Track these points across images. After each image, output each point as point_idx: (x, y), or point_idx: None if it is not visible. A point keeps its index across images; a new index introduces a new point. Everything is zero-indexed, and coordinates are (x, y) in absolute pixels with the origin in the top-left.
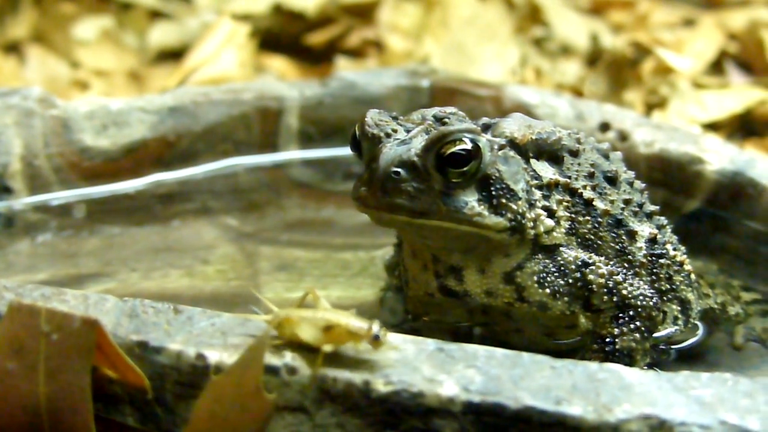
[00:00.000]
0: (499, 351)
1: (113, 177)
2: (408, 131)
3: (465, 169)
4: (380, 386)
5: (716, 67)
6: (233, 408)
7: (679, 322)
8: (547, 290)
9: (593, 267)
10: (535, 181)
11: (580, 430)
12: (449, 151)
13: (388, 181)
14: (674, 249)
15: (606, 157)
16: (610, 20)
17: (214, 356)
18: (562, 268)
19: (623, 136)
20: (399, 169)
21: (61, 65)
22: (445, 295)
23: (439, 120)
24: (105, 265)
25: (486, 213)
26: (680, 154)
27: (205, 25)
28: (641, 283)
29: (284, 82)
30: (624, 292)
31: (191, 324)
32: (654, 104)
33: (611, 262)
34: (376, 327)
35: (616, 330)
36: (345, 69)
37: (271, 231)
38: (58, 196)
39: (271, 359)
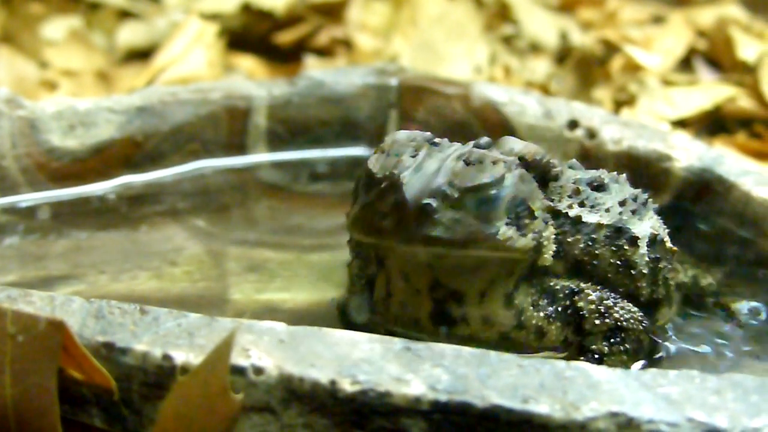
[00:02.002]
0: (466, 350)
1: (81, 178)
2: (412, 156)
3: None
4: (347, 386)
5: (685, 64)
6: (200, 409)
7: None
8: (542, 314)
9: (582, 294)
10: (542, 203)
11: (547, 428)
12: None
13: (423, 214)
14: (668, 239)
15: (581, 169)
16: (579, 18)
17: (180, 357)
18: (551, 294)
19: (591, 134)
20: (431, 201)
21: (30, 65)
22: (436, 324)
23: (429, 142)
24: (73, 267)
25: (515, 236)
26: (648, 151)
27: (174, 24)
28: (632, 306)
29: (252, 81)
30: (616, 315)
31: (157, 325)
32: (623, 101)
33: (600, 287)
34: None
35: (606, 349)
36: (314, 68)
37: (239, 232)
38: (25, 198)
39: (238, 359)
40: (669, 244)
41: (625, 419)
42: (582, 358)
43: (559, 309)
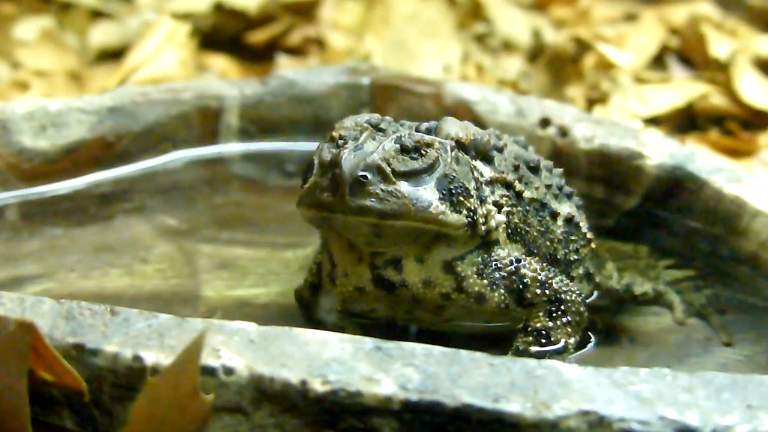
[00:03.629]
0: (437, 349)
1: (52, 178)
2: (354, 138)
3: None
4: (318, 386)
5: (658, 61)
6: (170, 409)
7: (584, 284)
8: (485, 281)
9: (525, 263)
10: (482, 179)
11: (518, 427)
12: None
13: (356, 185)
14: (587, 229)
15: (525, 147)
16: (552, 16)
17: (150, 358)
18: (496, 262)
19: (563, 132)
20: (366, 173)
21: (1, 66)
22: (379, 288)
23: (375, 126)
24: (44, 266)
25: (448, 212)
26: (620, 149)
27: (146, 24)
28: (570, 281)
29: (224, 80)
30: (555, 286)
31: (128, 325)
32: (595, 99)
33: (540, 259)
34: None
35: (549, 323)
36: (286, 67)
37: (210, 229)
38: None
39: (208, 360)
40: (586, 232)
41: (596, 417)
42: (530, 338)
43: (503, 275)
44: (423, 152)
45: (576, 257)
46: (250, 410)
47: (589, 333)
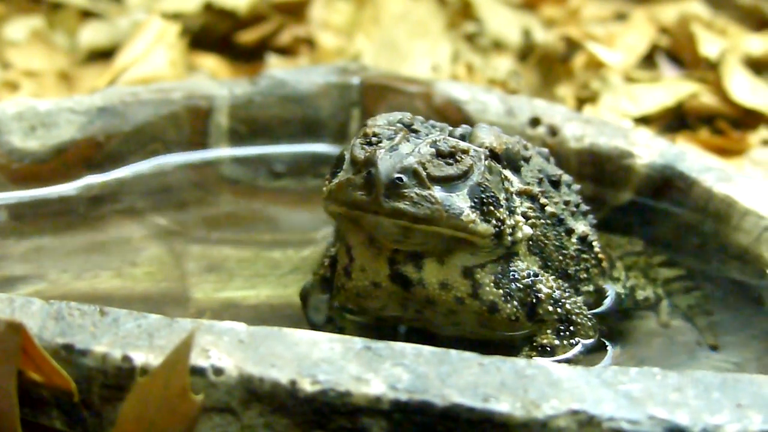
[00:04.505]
0: (427, 349)
1: (42, 179)
2: (389, 138)
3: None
4: (307, 386)
5: (648, 61)
6: (160, 410)
7: (592, 297)
8: (501, 291)
9: (542, 278)
10: (512, 189)
11: (508, 426)
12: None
13: (392, 187)
14: (598, 246)
15: (547, 160)
16: (542, 15)
17: (140, 358)
18: (514, 273)
19: (553, 131)
20: (402, 175)
21: None
22: (396, 284)
23: (408, 126)
24: (35, 267)
25: (478, 220)
26: (610, 148)
27: (136, 24)
28: (582, 304)
29: (214, 80)
30: (568, 306)
31: (117, 326)
32: (585, 99)
33: (558, 279)
34: None
35: (556, 341)
36: (276, 67)
37: (200, 230)
38: None
39: (198, 360)
40: (598, 251)
41: (585, 417)
42: (534, 353)
43: (519, 287)
44: (458, 158)
45: (585, 276)
46: (239, 410)
47: (604, 341)
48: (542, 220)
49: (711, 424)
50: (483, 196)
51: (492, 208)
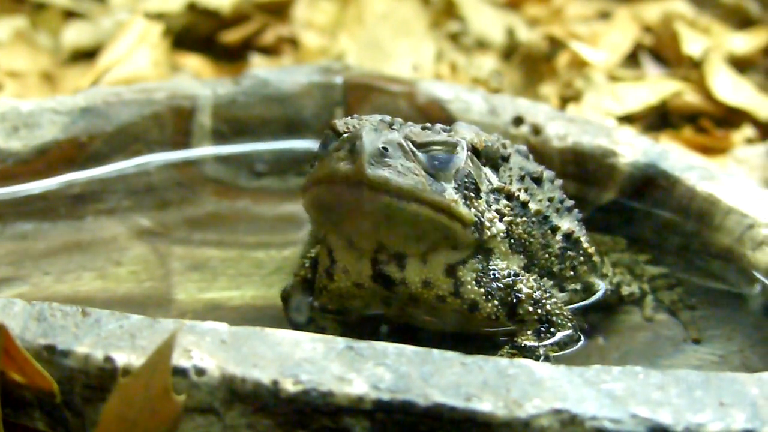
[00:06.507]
0: (409, 348)
1: (25, 179)
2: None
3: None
4: (289, 386)
5: (631, 59)
6: (142, 410)
7: (578, 295)
8: (482, 290)
9: (523, 278)
10: (490, 186)
11: (490, 426)
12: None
13: (377, 155)
14: (586, 242)
15: (527, 158)
16: (525, 14)
17: (122, 358)
18: (494, 272)
19: (536, 130)
20: (387, 146)
21: None
22: (378, 284)
23: (390, 125)
24: (17, 268)
25: (461, 203)
26: (593, 147)
27: (119, 24)
28: (563, 304)
29: (197, 80)
30: (548, 307)
31: (99, 326)
32: (569, 97)
33: (540, 279)
34: None
35: (536, 343)
36: (260, 67)
37: (183, 230)
38: None
39: (180, 361)
40: (587, 246)
41: (568, 416)
42: (514, 351)
43: (500, 287)
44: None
45: (572, 274)
46: (221, 411)
47: (579, 334)
48: (524, 218)
49: (694, 422)
50: (466, 181)
51: (473, 195)
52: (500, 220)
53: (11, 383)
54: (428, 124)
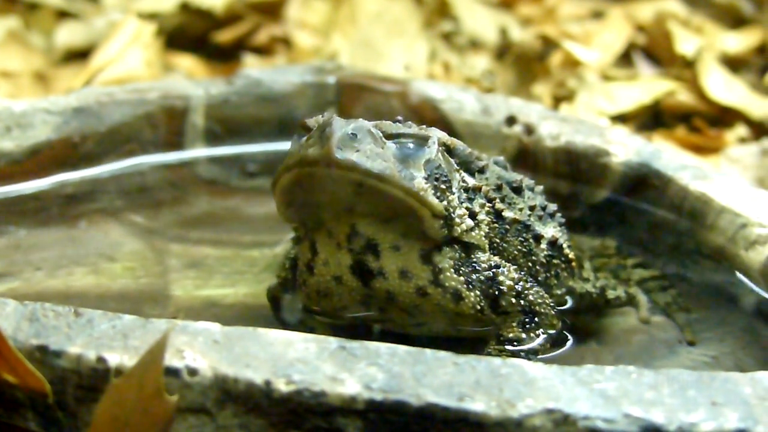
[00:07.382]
0: (402, 348)
1: (17, 179)
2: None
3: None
4: (282, 386)
5: (624, 59)
6: (134, 411)
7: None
8: (462, 278)
9: (504, 270)
10: (463, 184)
11: (483, 426)
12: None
13: (346, 140)
14: (568, 248)
15: (505, 168)
16: (519, 14)
17: (114, 359)
18: (475, 264)
19: (529, 130)
20: (356, 132)
21: None
22: (357, 276)
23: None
24: (9, 264)
25: (430, 192)
26: (586, 146)
27: (112, 24)
28: (545, 294)
29: (190, 80)
30: (531, 298)
31: (92, 327)
32: (562, 97)
33: (519, 270)
34: None
35: (522, 334)
36: (253, 67)
37: (178, 229)
38: None
39: (172, 361)
40: (568, 252)
41: (561, 416)
42: (502, 346)
43: (481, 278)
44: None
45: (556, 281)
46: (214, 411)
47: (566, 333)
48: (497, 225)
49: (686, 422)
50: (437, 173)
51: (444, 187)
52: (472, 218)
53: (3, 384)
54: (399, 117)
